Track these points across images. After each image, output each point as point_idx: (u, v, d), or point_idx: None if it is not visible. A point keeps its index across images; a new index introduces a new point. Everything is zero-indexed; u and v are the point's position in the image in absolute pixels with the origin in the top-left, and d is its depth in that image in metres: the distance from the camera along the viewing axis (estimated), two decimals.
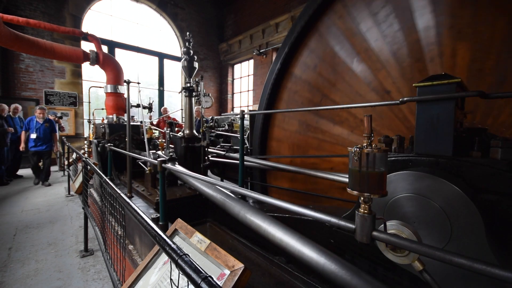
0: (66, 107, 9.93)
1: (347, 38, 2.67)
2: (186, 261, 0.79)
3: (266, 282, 1.89)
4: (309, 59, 3.08)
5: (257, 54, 12.04)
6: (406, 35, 2.21)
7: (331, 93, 2.79)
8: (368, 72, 2.47)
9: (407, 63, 2.21)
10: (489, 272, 0.49)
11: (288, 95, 3.31)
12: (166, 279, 1.38)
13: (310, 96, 3.01)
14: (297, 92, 3.19)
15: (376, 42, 2.41)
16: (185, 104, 4.74)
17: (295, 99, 3.22)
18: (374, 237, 0.70)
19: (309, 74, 3.05)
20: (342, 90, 2.69)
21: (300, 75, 3.16)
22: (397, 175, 1.20)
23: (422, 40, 2.11)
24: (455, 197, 1.00)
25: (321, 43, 2.94)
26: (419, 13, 2.13)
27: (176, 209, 2.76)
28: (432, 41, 2.06)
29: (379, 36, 2.39)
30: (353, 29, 2.61)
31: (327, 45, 2.86)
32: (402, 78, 2.23)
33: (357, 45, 2.58)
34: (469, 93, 1.23)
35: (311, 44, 3.05)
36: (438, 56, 2.04)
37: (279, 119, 3.39)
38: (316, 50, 2.99)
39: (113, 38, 11.50)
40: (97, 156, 4.96)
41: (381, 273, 1.33)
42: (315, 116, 2.92)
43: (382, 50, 2.37)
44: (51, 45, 4.88)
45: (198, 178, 1.58)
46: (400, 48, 2.26)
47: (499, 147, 1.09)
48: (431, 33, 2.06)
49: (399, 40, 2.26)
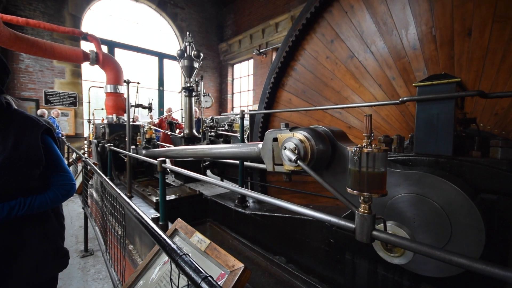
0: (66, 107, 9.92)
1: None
2: (186, 261, 0.79)
3: (266, 281, 1.89)
4: (301, 71, 3.10)
5: (257, 54, 12.03)
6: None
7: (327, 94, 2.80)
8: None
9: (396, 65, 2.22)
10: (489, 272, 0.49)
11: (283, 107, 3.33)
12: (166, 279, 1.38)
13: (310, 96, 3.01)
14: (291, 104, 3.22)
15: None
16: (185, 104, 4.75)
17: (294, 99, 3.22)
18: (374, 236, 0.70)
19: (302, 86, 3.07)
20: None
21: (294, 88, 3.19)
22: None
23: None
24: (455, 196, 1.00)
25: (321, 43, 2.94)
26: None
27: (176, 209, 2.76)
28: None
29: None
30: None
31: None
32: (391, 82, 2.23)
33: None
34: (469, 93, 1.23)
35: (311, 43, 3.05)
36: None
37: (278, 119, 3.39)
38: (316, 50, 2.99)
39: (113, 38, 11.48)
40: (97, 156, 4.96)
41: (381, 273, 1.34)
42: (311, 118, 2.94)
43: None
44: (51, 45, 4.88)
45: (198, 178, 1.58)
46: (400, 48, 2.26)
47: (499, 147, 1.10)
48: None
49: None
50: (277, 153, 1.26)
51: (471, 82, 1.89)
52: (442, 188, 1.02)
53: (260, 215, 2.26)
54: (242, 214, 2.45)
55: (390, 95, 2.32)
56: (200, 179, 1.56)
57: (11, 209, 1.19)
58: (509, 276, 0.47)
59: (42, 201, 1.28)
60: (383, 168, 0.76)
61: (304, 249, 1.83)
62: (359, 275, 1.44)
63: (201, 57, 4.52)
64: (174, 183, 4.07)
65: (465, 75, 1.91)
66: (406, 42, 2.20)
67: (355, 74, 2.57)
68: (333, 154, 1.21)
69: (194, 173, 1.67)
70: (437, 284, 1.16)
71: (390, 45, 2.30)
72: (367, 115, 0.77)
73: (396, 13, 2.25)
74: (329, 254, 1.64)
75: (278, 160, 1.26)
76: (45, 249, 1.34)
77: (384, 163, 0.76)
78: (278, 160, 1.26)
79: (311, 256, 1.77)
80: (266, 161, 1.34)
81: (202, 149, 2.20)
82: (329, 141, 1.21)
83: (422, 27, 2.11)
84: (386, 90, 2.35)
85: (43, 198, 1.29)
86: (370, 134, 0.76)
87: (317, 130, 1.21)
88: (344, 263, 1.51)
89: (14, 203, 1.20)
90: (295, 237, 1.90)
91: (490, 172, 1.05)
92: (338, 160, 1.22)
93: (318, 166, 1.19)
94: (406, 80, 2.22)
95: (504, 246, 1.04)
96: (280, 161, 1.25)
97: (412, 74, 2.18)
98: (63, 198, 1.38)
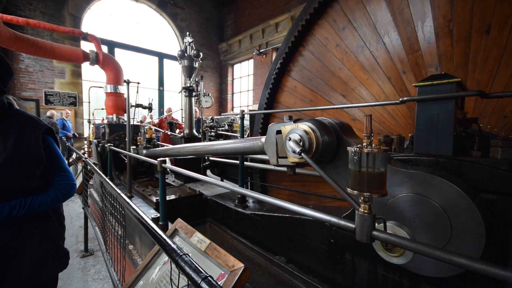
0: (66, 107, 9.91)
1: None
2: (186, 261, 0.79)
3: (266, 281, 1.89)
4: (308, 58, 3.05)
5: (257, 54, 12.03)
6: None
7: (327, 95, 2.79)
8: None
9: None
10: (489, 272, 0.49)
11: (287, 94, 3.28)
12: (166, 279, 1.38)
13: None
14: (296, 92, 3.17)
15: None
16: (185, 104, 4.74)
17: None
18: (374, 236, 0.70)
19: (309, 74, 3.02)
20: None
21: (300, 75, 3.13)
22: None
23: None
24: (455, 196, 1.00)
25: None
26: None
27: (176, 209, 2.76)
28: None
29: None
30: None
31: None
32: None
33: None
34: (469, 93, 1.23)
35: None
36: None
37: (281, 107, 3.35)
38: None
39: (113, 38, 11.48)
40: (97, 156, 4.96)
41: (381, 273, 1.34)
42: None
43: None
44: (51, 45, 4.88)
45: (198, 178, 1.58)
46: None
47: (499, 147, 1.10)
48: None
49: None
50: (281, 146, 1.23)
51: (484, 82, 1.83)
52: (442, 188, 1.02)
53: (260, 215, 2.26)
54: (242, 214, 2.45)
55: (399, 90, 2.25)
56: (200, 179, 1.56)
57: (12, 209, 1.19)
58: (509, 276, 0.47)
59: (42, 201, 1.28)
60: (383, 168, 0.76)
61: (304, 249, 1.83)
62: (359, 275, 1.44)
63: (200, 57, 4.51)
64: (174, 183, 4.08)
65: (478, 74, 1.85)
66: (421, 35, 2.11)
67: (365, 65, 2.47)
68: (337, 147, 1.18)
69: (194, 173, 1.67)
70: (437, 284, 1.16)
71: (404, 36, 2.20)
72: (367, 115, 0.76)
73: (414, 3, 2.14)
74: (329, 254, 1.64)
75: (282, 153, 1.24)
76: (46, 249, 1.34)
77: (384, 163, 0.76)
78: (282, 153, 1.23)
79: (311, 256, 1.77)
80: (269, 155, 1.31)
81: (204, 145, 2.16)
82: (334, 134, 1.17)
83: (439, 20, 2.01)
84: (395, 84, 2.28)
85: (44, 198, 1.29)
86: (370, 134, 0.76)
87: (322, 122, 1.17)
88: (344, 263, 1.51)
89: (15, 203, 1.20)
90: (295, 237, 1.90)
91: (490, 172, 1.05)
92: (342, 154, 1.19)
93: (322, 159, 1.15)
94: (417, 75, 2.14)
95: (504, 246, 1.04)
96: (284, 154, 1.22)
97: (424, 69, 2.10)
98: (64, 198, 1.38)
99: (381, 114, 2.31)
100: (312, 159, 1.04)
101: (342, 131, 1.20)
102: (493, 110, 1.80)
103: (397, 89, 2.27)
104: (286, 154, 1.18)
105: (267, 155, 1.34)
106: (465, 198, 0.97)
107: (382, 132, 2.34)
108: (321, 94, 2.85)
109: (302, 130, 1.11)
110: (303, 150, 1.06)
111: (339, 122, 1.26)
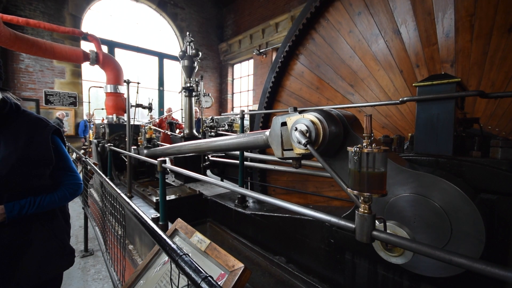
0: (66, 107, 9.91)
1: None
2: (186, 261, 0.79)
3: (266, 281, 1.89)
4: (319, 43, 2.90)
5: (257, 54, 12.03)
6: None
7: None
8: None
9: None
10: (489, 272, 0.49)
11: (294, 79, 3.17)
12: (166, 279, 1.38)
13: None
14: (303, 77, 3.07)
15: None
16: (185, 104, 4.74)
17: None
18: (374, 236, 0.70)
19: (318, 59, 2.89)
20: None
21: (309, 60, 3.01)
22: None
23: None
24: (455, 196, 1.00)
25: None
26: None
27: (176, 209, 2.76)
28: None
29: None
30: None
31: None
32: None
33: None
34: (469, 93, 1.23)
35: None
36: None
37: (286, 92, 3.26)
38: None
39: (113, 38, 11.48)
40: (97, 156, 4.96)
41: (381, 273, 1.34)
42: (321, 96, 2.82)
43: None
44: (51, 45, 4.88)
45: (198, 178, 1.58)
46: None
47: (499, 147, 1.10)
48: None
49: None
50: (286, 138, 1.19)
51: (499, 83, 1.76)
52: (442, 188, 1.02)
53: (260, 215, 2.26)
54: (242, 214, 2.45)
55: (410, 84, 2.15)
56: (200, 179, 1.56)
57: (22, 208, 1.22)
58: (509, 276, 0.47)
59: (51, 200, 1.32)
60: (383, 168, 0.75)
61: (304, 249, 1.83)
62: (359, 275, 1.43)
63: (199, 56, 4.51)
64: (174, 183, 4.08)
65: (494, 75, 1.78)
66: (440, 28, 1.99)
67: (377, 55, 2.35)
68: (344, 140, 1.14)
69: (194, 173, 1.67)
70: (437, 284, 1.16)
71: (422, 28, 2.07)
72: (367, 115, 0.76)
73: None
74: (329, 254, 1.64)
75: (287, 145, 1.20)
76: (53, 247, 1.38)
77: (384, 163, 0.76)
78: (287, 145, 1.20)
79: (311, 256, 1.77)
80: (274, 147, 1.28)
81: (205, 142, 2.08)
82: (342, 125, 1.13)
83: (461, 13, 1.89)
84: (407, 77, 2.18)
85: (52, 197, 1.33)
86: (370, 134, 0.76)
87: (330, 112, 1.13)
88: (344, 263, 1.51)
89: (25, 202, 1.24)
90: (295, 237, 1.90)
91: (490, 172, 1.05)
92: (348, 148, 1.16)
93: (327, 152, 1.12)
94: (430, 70, 2.04)
95: (504, 246, 1.04)
96: (289, 146, 1.19)
97: (439, 64, 2.00)
98: (71, 197, 1.43)
99: (388, 108, 2.23)
100: (318, 151, 1.00)
101: (350, 124, 1.15)
102: (504, 113, 1.73)
103: (408, 83, 2.17)
104: (292, 146, 1.15)
105: (272, 148, 1.30)
106: (473, 208, 0.97)
107: (388, 127, 2.28)
108: (328, 82, 2.73)
109: (309, 120, 1.08)
110: (309, 142, 1.03)
111: (346, 114, 1.21)
